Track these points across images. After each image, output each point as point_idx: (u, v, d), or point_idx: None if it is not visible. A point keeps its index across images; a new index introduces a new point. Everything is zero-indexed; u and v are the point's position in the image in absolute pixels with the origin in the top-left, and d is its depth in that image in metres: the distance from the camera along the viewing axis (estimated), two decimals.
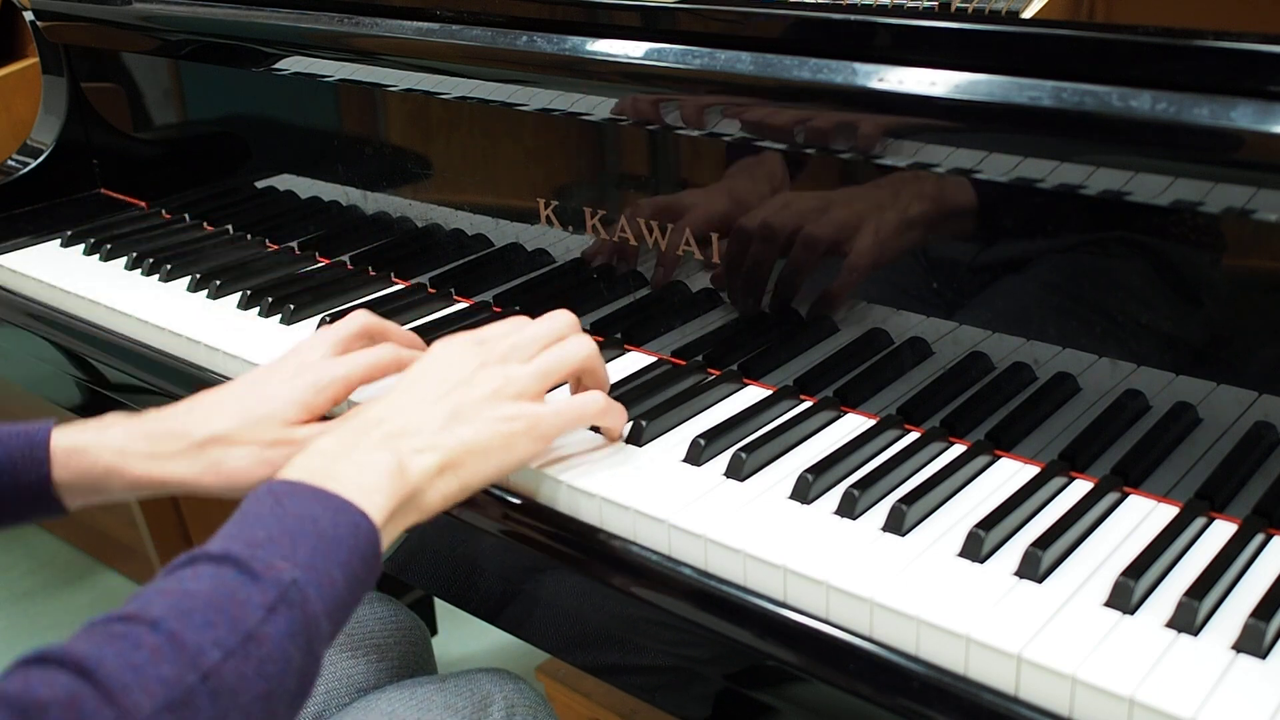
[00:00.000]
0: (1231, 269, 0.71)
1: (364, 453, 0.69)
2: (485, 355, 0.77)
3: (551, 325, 0.81)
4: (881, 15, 0.79)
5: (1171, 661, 0.61)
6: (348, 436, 0.71)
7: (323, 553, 0.61)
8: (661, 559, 0.75)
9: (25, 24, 1.46)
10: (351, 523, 0.64)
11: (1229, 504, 0.73)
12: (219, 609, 0.57)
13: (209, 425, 0.80)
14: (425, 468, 0.70)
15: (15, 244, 1.32)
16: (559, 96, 0.97)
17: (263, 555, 0.60)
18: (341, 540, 0.63)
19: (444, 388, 0.75)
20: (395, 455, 0.69)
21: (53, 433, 0.81)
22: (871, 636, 0.67)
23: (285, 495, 0.64)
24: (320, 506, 0.64)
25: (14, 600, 2.11)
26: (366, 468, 0.67)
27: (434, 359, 0.78)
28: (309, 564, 0.61)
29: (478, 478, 0.73)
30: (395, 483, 0.68)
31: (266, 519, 0.62)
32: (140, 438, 0.81)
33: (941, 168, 0.78)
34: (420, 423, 0.72)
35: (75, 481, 0.81)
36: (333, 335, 0.87)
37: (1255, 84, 0.65)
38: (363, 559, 0.64)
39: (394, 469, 0.68)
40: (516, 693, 0.88)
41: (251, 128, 1.30)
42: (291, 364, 0.84)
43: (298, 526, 0.62)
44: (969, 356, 0.83)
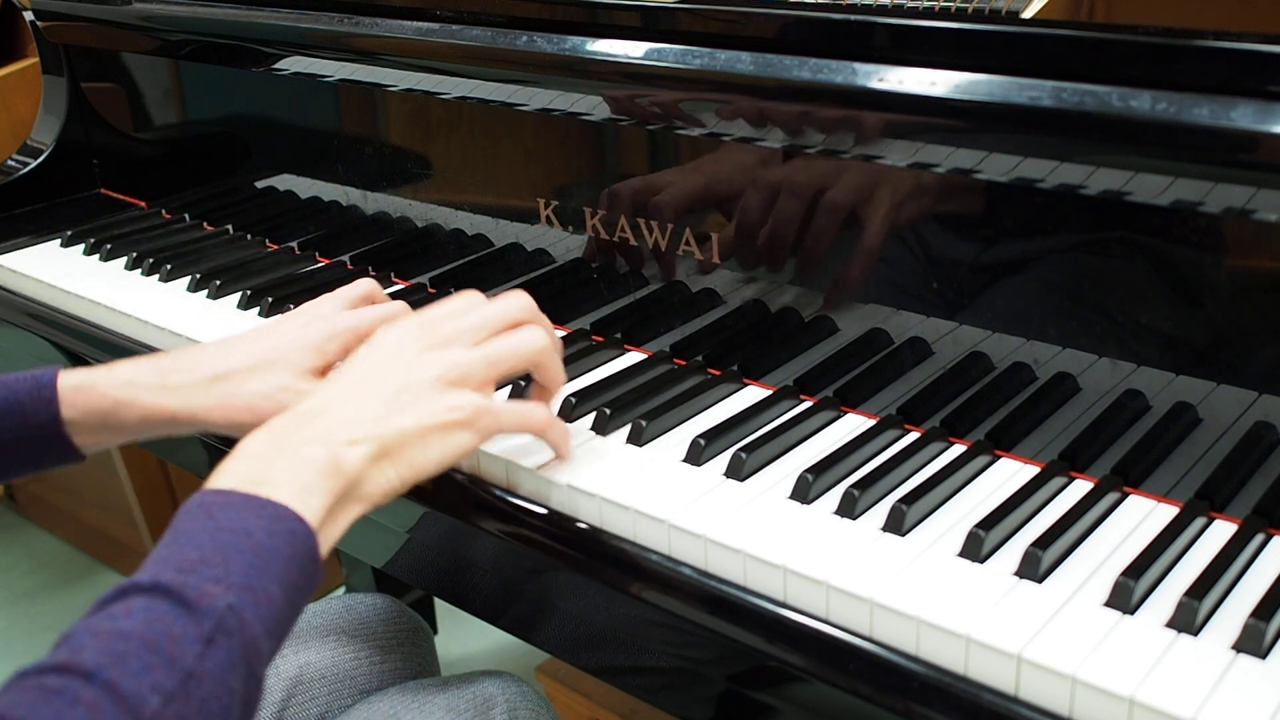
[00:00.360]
0: (1231, 269, 0.71)
1: (295, 450, 0.66)
2: (430, 338, 0.74)
3: (505, 308, 0.78)
4: (881, 15, 0.79)
5: (1171, 661, 0.61)
6: (279, 434, 0.68)
7: (258, 568, 0.59)
8: (661, 559, 0.75)
9: (25, 24, 1.46)
10: (287, 530, 0.62)
11: (1229, 504, 0.73)
12: (154, 649, 0.54)
13: (222, 362, 0.80)
14: (359, 457, 0.67)
15: (15, 244, 1.33)
16: (559, 96, 0.97)
17: (195, 582, 0.57)
18: (278, 551, 0.60)
19: (383, 375, 0.72)
20: (328, 449, 0.66)
21: (60, 373, 0.80)
22: (871, 636, 0.67)
23: (217, 507, 0.62)
24: (254, 516, 0.61)
25: (14, 600, 2.11)
26: (299, 466, 0.65)
27: (376, 344, 0.75)
28: (244, 585, 0.58)
29: (416, 468, 0.70)
30: (330, 480, 0.65)
31: (198, 536, 0.60)
32: (150, 370, 0.80)
33: (941, 168, 0.78)
34: (357, 413, 0.69)
35: (84, 418, 0.80)
36: (343, 293, 0.87)
37: (1255, 84, 0.65)
38: (300, 567, 0.61)
39: (328, 464, 0.66)
40: (518, 694, 0.88)
41: (251, 128, 1.30)
42: (304, 316, 0.85)
43: (231, 541, 0.59)
44: (969, 356, 0.83)
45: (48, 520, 2.27)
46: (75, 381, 0.80)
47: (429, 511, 0.84)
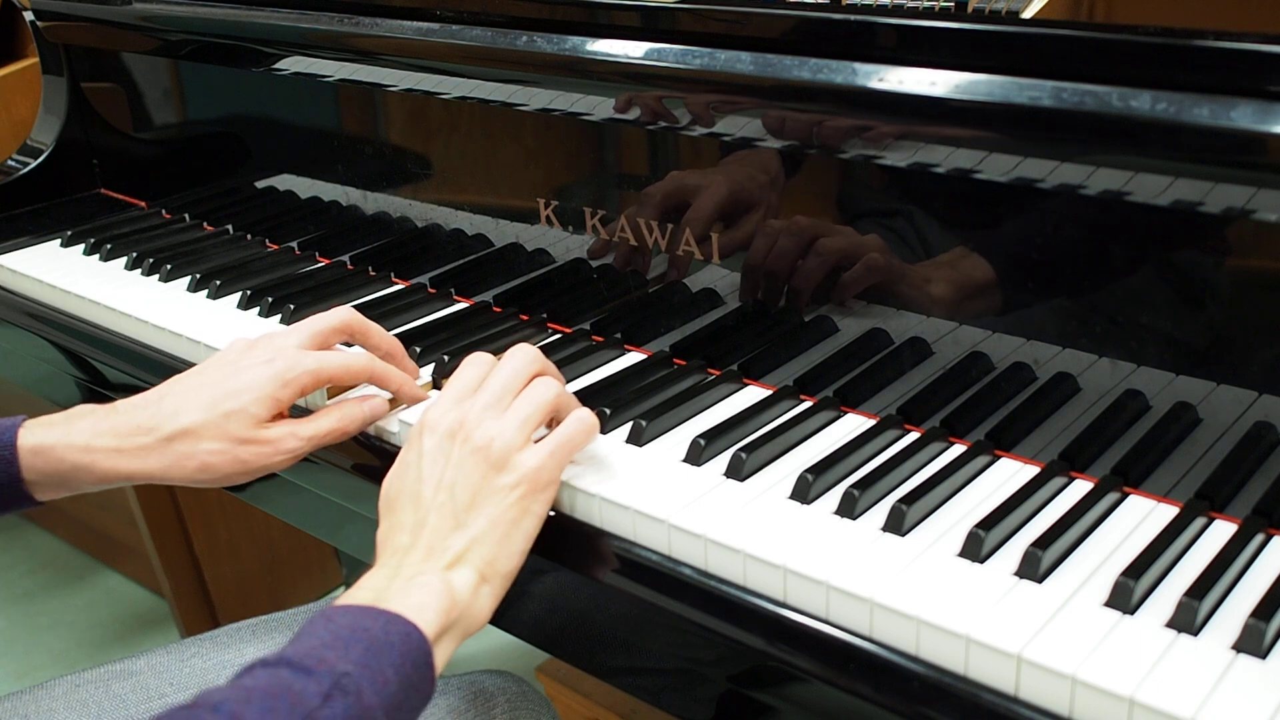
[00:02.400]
0: (1231, 269, 0.71)
1: (407, 579, 0.69)
2: (463, 431, 0.75)
3: (518, 366, 0.78)
4: (881, 15, 0.79)
5: (1171, 661, 0.61)
6: (387, 570, 0.70)
7: (375, 653, 0.63)
8: (661, 559, 0.75)
9: (25, 24, 1.46)
10: (402, 632, 0.65)
11: (1229, 504, 0.73)
12: (277, 696, 0.58)
13: (177, 420, 0.80)
14: (468, 583, 0.70)
15: (15, 244, 1.32)
16: (559, 96, 0.97)
17: (315, 653, 0.62)
18: (393, 645, 0.64)
19: (443, 486, 0.73)
20: (438, 576, 0.69)
21: (19, 432, 0.82)
22: (871, 636, 0.67)
23: (336, 613, 0.65)
24: (370, 620, 0.65)
25: (14, 600, 2.11)
26: (412, 590, 0.68)
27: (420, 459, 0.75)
28: (362, 663, 0.62)
29: (513, 560, 0.73)
30: (444, 600, 0.68)
31: (319, 632, 0.64)
32: (107, 433, 0.81)
33: (941, 168, 0.78)
34: (441, 533, 0.71)
35: (43, 480, 0.82)
36: (312, 325, 0.86)
37: (1255, 84, 0.65)
38: (415, 665, 0.64)
39: (441, 589, 0.68)
40: (519, 694, 0.88)
41: (251, 128, 1.30)
42: (265, 350, 0.84)
43: (349, 635, 0.63)
44: (969, 356, 0.83)
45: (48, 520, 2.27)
46: (34, 444, 0.82)
47: None
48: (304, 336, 0.85)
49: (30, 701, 0.90)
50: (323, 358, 0.84)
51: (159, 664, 0.93)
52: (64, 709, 0.89)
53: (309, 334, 0.86)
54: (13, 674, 1.92)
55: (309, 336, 0.85)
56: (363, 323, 0.89)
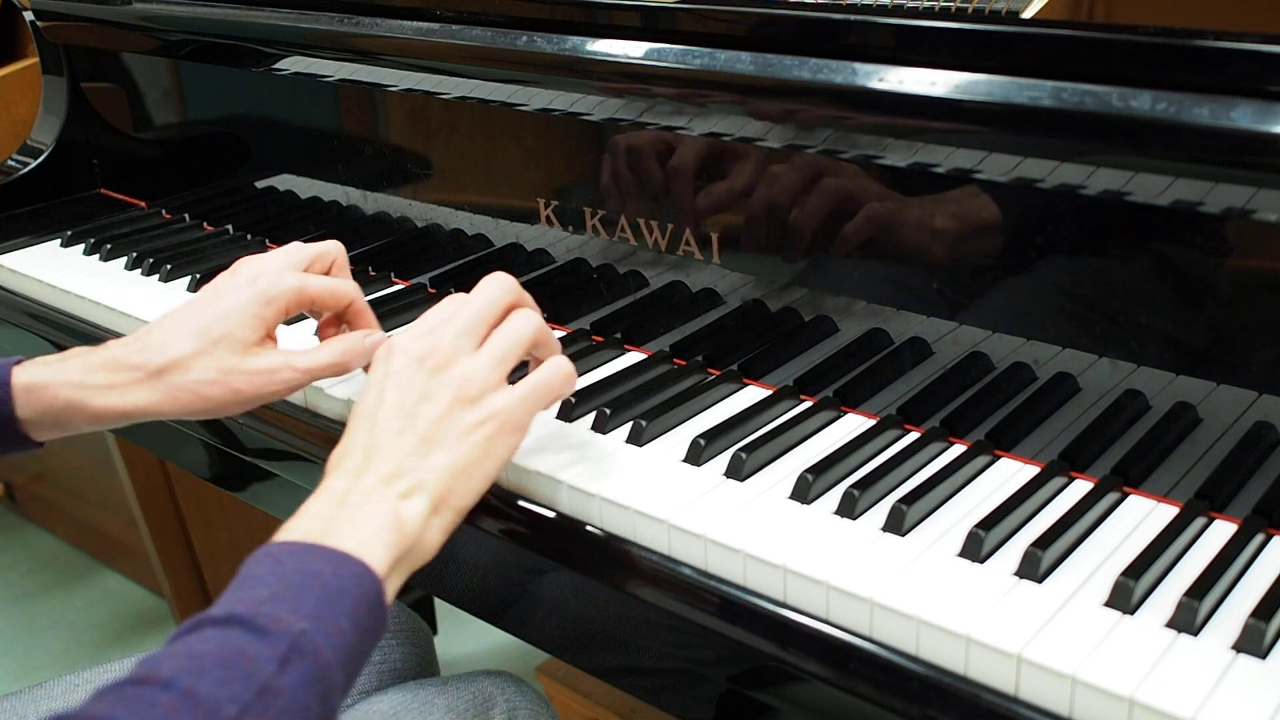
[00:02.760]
0: (1231, 269, 0.71)
1: (356, 507, 0.67)
2: (434, 358, 0.73)
3: (490, 296, 0.77)
4: (881, 15, 0.79)
5: (1171, 661, 0.61)
6: (336, 493, 0.68)
7: (328, 603, 0.60)
8: (661, 559, 0.75)
9: (25, 24, 1.46)
10: (353, 573, 0.62)
11: (1229, 504, 0.73)
12: (230, 665, 0.55)
13: (165, 351, 0.80)
14: (419, 513, 0.68)
15: (15, 244, 1.32)
16: (559, 96, 0.97)
17: (267, 610, 0.58)
18: (346, 590, 0.61)
19: (404, 410, 0.71)
20: (388, 504, 0.67)
21: (13, 370, 0.81)
22: (871, 636, 0.67)
23: (283, 554, 0.63)
24: (319, 561, 0.62)
25: (14, 600, 2.11)
26: (362, 522, 0.66)
27: (387, 377, 0.74)
28: (316, 615, 0.59)
29: (469, 498, 0.71)
30: (394, 534, 0.66)
31: (267, 578, 0.61)
32: (98, 369, 0.81)
33: (941, 168, 0.78)
34: (396, 459, 0.69)
35: (39, 417, 0.81)
36: (299, 251, 0.86)
37: (1255, 84, 0.65)
38: (369, 608, 0.62)
39: (390, 520, 0.66)
40: (518, 695, 0.88)
41: (251, 128, 1.30)
42: (246, 272, 0.84)
43: (300, 581, 0.61)
44: (969, 356, 0.83)
45: (48, 520, 2.27)
46: (28, 381, 0.81)
47: None
48: (289, 259, 0.85)
49: (30, 701, 0.90)
50: (306, 277, 0.83)
51: None
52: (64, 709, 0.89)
53: (295, 258, 0.85)
54: (13, 674, 1.92)
55: (295, 260, 0.85)
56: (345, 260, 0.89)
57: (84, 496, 2.08)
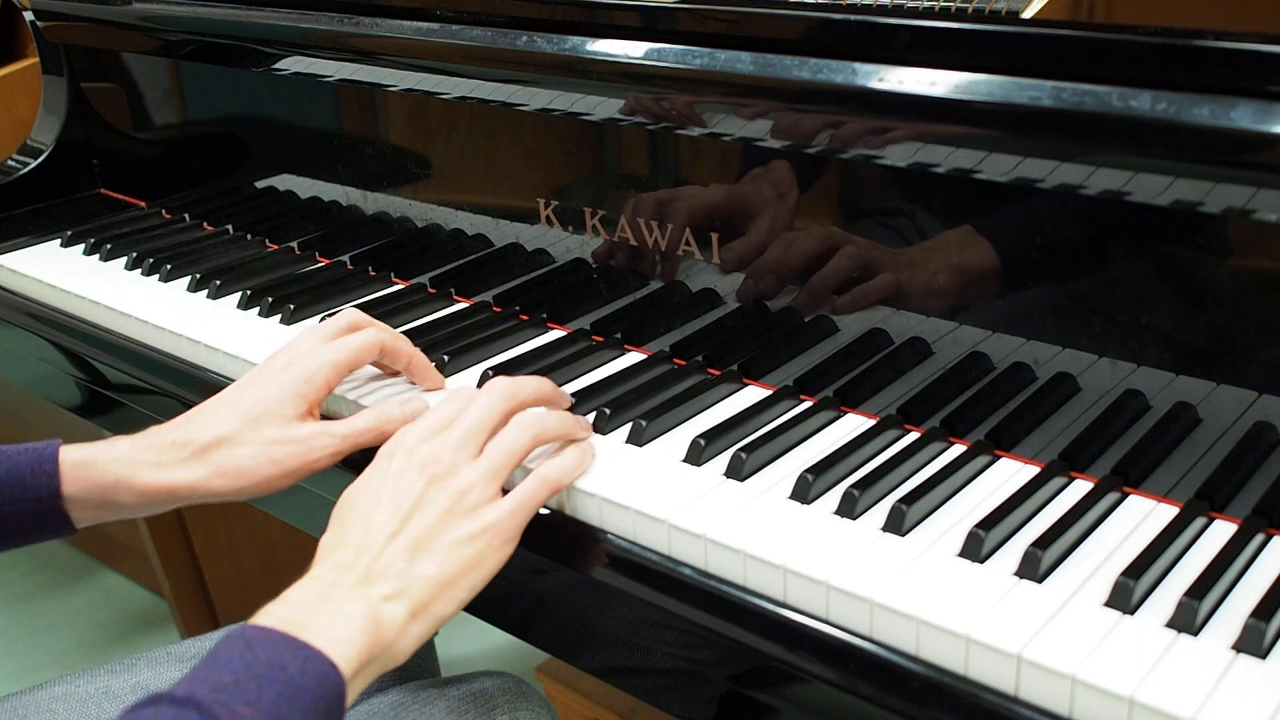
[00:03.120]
0: (1231, 269, 0.71)
1: (337, 604, 0.67)
2: (435, 466, 0.74)
3: (490, 405, 0.78)
4: (881, 15, 0.79)
5: (1171, 661, 0.61)
6: (320, 585, 0.69)
7: (288, 700, 0.60)
8: (661, 559, 0.75)
9: (25, 24, 1.46)
10: (320, 673, 0.63)
11: (1229, 504, 0.73)
12: None
13: (210, 430, 0.81)
14: (396, 619, 0.68)
15: (15, 244, 1.32)
16: (559, 96, 0.97)
17: (226, 699, 0.59)
18: (308, 690, 0.62)
19: (400, 514, 0.72)
20: (368, 606, 0.67)
21: (61, 449, 0.81)
22: (871, 636, 0.67)
23: (256, 641, 0.63)
24: (290, 654, 0.62)
25: (14, 600, 2.11)
26: (340, 620, 0.66)
27: (383, 480, 0.74)
28: (273, 711, 0.59)
29: (451, 607, 0.72)
30: (369, 636, 0.66)
31: (235, 662, 0.61)
32: (146, 449, 0.81)
33: (941, 168, 0.78)
34: (385, 562, 0.70)
35: (85, 495, 0.81)
36: (323, 328, 0.88)
37: (1255, 84, 0.65)
38: (327, 708, 0.63)
39: (368, 623, 0.67)
40: (519, 695, 0.88)
41: (251, 128, 1.30)
42: (283, 357, 0.86)
43: (265, 673, 0.61)
44: (969, 356, 0.83)
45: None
46: (76, 458, 0.81)
47: None
48: (318, 338, 0.87)
49: (30, 701, 0.90)
50: (337, 346, 0.86)
51: (159, 665, 0.93)
52: (64, 709, 0.89)
53: (322, 336, 0.87)
54: (13, 674, 1.92)
55: (323, 338, 0.87)
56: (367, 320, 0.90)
57: None
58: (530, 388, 0.81)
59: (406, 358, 0.91)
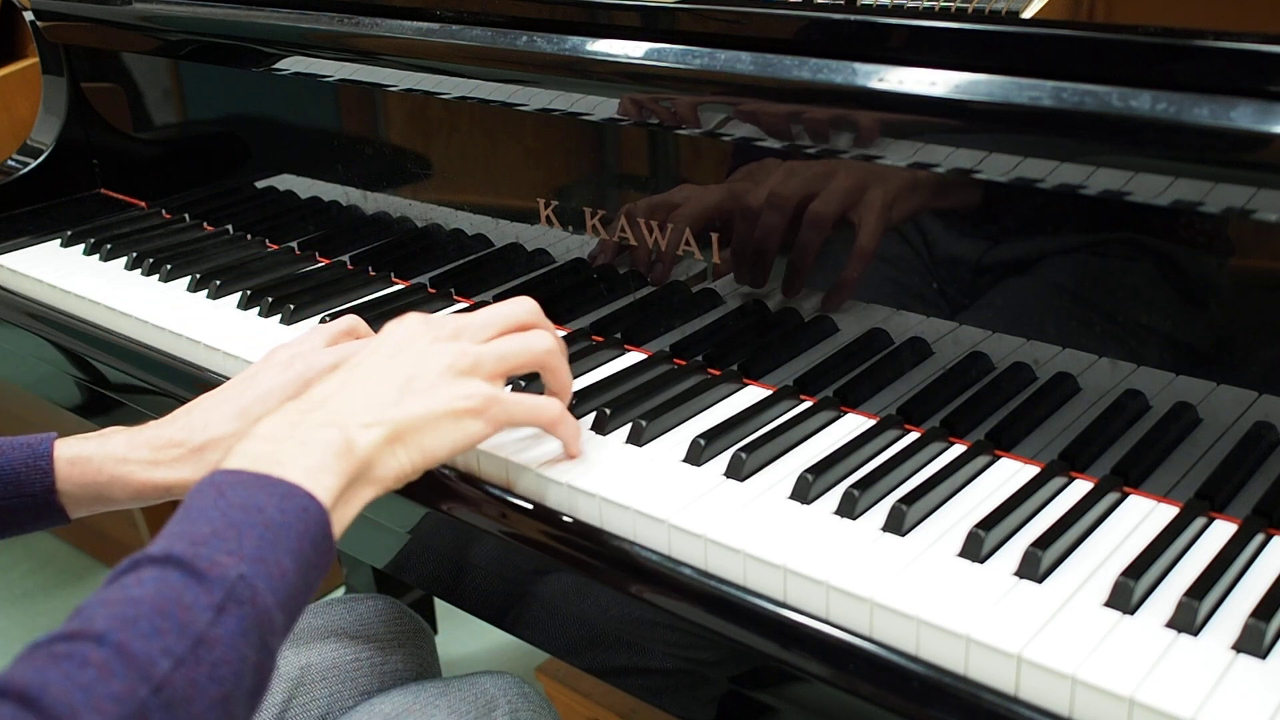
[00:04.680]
0: (1231, 269, 0.71)
1: (307, 431, 0.66)
2: (439, 331, 0.75)
3: (511, 310, 0.78)
4: (881, 15, 0.79)
5: (1171, 661, 0.61)
6: (291, 416, 0.68)
7: (270, 541, 0.59)
8: (661, 559, 0.75)
9: (25, 24, 1.46)
10: (299, 507, 0.61)
11: (1229, 504, 0.73)
12: (165, 614, 0.54)
13: (207, 430, 0.81)
14: (372, 440, 0.67)
15: (15, 244, 1.33)
16: (559, 96, 0.97)
17: (206, 552, 0.57)
18: (289, 526, 0.60)
19: (395, 362, 0.72)
20: (341, 431, 0.66)
21: (55, 444, 0.81)
22: (871, 636, 0.67)
23: (228, 485, 0.62)
24: (265, 494, 0.61)
25: (14, 600, 2.11)
26: (311, 447, 0.65)
27: (386, 334, 0.76)
28: (256, 556, 0.58)
29: (429, 453, 0.71)
30: (343, 461, 0.65)
31: (210, 512, 0.60)
32: (142, 446, 0.81)
33: (941, 168, 0.78)
34: (368, 399, 0.70)
35: (79, 491, 0.81)
36: (325, 330, 0.88)
37: (1255, 84, 0.65)
38: (313, 543, 0.61)
39: (340, 446, 0.65)
40: (520, 695, 0.88)
41: (251, 128, 1.30)
42: (284, 355, 0.85)
43: (243, 517, 0.59)
44: (969, 356, 0.83)
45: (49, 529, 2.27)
46: (71, 454, 0.81)
47: (429, 512, 0.84)
48: (319, 340, 0.87)
49: None
50: (339, 350, 0.85)
51: None
52: None
53: (324, 337, 0.87)
54: None
55: (324, 339, 0.87)
56: (367, 329, 0.90)
57: None
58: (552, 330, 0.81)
59: None
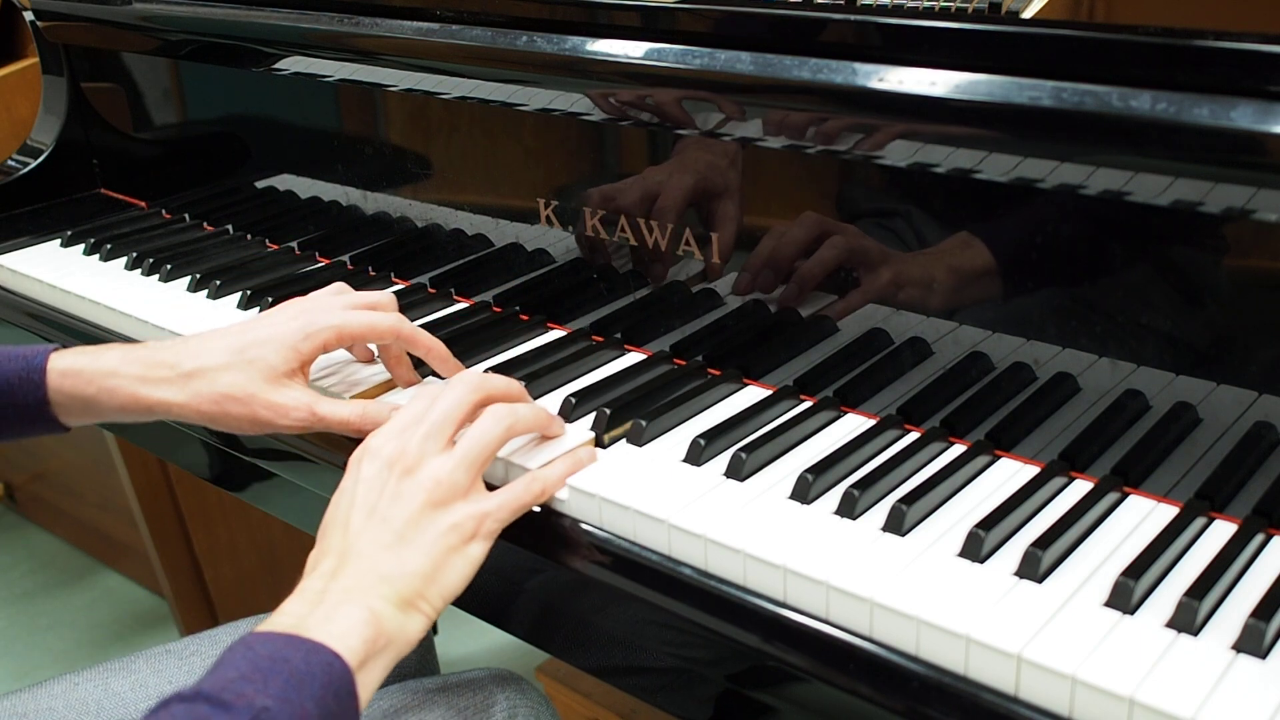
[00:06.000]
0: (1231, 269, 0.71)
1: (332, 606, 0.67)
2: (403, 461, 0.73)
3: (459, 395, 0.77)
4: (881, 15, 0.79)
5: (1171, 661, 0.61)
6: (311, 594, 0.69)
7: (295, 686, 0.61)
8: (661, 559, 0.75)
9: (25, 24, 1.46)
10: (324, 662, 0.63)
11: (1229, 504, 0.73)
12: None
13: (199, 359, 0.83)
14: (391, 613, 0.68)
15: (15, 244, 1.33)
16: (559, 96, 0.97)
17: (234, 686, 0.60)
18: (314, 676, 0.62)
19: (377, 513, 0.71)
20: (362, 606, 0.67)
21: (51, 356, 0.85)
22: (871, 636, 0.67)
23: (256, 642, 0.63)
24: (292, 649, 0.63)
25: (14, 600, 2.11)
26: (337, 619, 0.66)
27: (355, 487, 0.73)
28: (281, 696, 0.60)
29: (443, 598, 0.71)
30: (368, 630, 0.66)
31: (238, 662, 0.62)
32: (134, 362, 0.84)
33: (941, 168, 0.78)
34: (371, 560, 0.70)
35: (69, 402, 0.85)
36: (347, 294, 0.89)
37: (1255, 84, 0.65)
38: (336, 696, 0.63)
39: (365, 616, 0.67)
40: (519, 694, 0.88)
41: (251, 128, 1.30)
42: (297, 305, 0.87)
43: (269, 666, 0.61)
44: (969, 356, 0.83)
45: (48, 520, 2.27)
46: (64, 366, 0.85)
47: None
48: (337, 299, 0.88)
49: (30, 701, 0.90)
50: (347, 315, 0.86)
51: (159, 663, 0.93)
52: (64, 708, 0.89)
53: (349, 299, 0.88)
54: (13, 674, 1.92)
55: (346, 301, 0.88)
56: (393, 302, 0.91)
57: (84, 496, 2.08)
58: (499, 381, 0.80)
59: (426, 347, 0.90)
